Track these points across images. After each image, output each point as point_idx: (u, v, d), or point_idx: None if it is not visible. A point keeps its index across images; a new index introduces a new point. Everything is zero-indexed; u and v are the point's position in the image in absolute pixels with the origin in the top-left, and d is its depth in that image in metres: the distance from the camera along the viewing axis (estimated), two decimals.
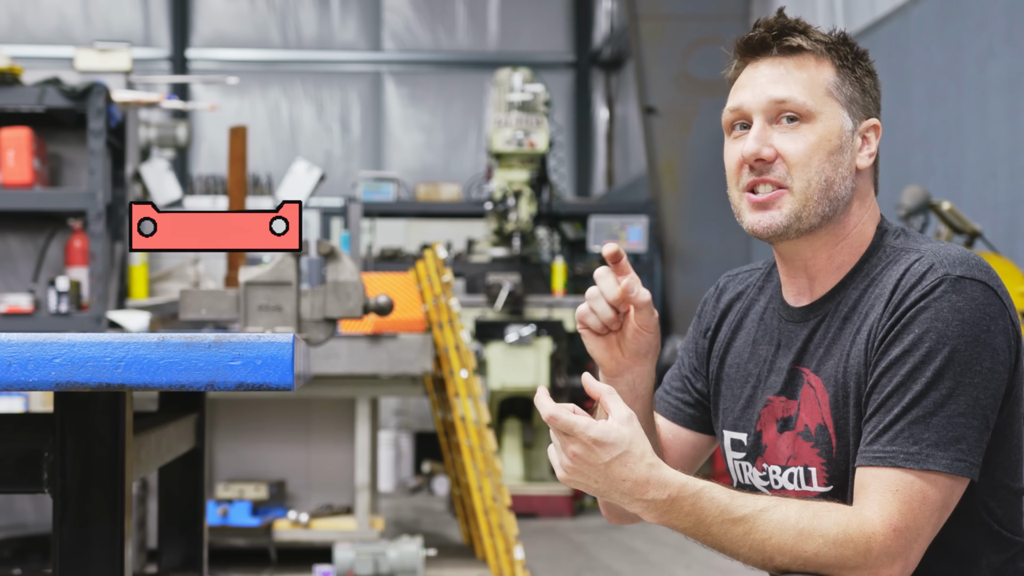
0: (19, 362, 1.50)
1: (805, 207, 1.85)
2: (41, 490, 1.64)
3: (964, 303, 1.74)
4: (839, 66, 1.88)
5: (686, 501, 1.72)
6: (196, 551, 2.44)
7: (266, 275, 3.66)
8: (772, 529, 1.72)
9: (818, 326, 1.90)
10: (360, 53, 14.36)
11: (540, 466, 8.35)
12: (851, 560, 1.71)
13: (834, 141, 1.86)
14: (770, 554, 1.72)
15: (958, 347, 1.73)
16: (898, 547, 1.72)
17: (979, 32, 6.69)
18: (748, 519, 1.72)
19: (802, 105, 1.85)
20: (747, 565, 1.77)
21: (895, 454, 1.73)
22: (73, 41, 12.84)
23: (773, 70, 1.88)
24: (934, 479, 1.72)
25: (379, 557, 5.03)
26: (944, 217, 5.90)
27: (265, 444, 5.72)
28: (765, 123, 1.87)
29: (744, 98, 1.88)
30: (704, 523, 1.73)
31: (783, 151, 1.85)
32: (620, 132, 13.87)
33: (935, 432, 1.72)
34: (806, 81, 1.86)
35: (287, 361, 1.51)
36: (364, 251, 9.01)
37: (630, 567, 6.31)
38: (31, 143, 5.52)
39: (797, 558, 1.71)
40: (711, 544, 1.75)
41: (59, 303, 5.52)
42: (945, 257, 1.79)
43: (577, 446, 1.70)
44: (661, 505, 1.72)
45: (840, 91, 1.87)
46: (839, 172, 1.86)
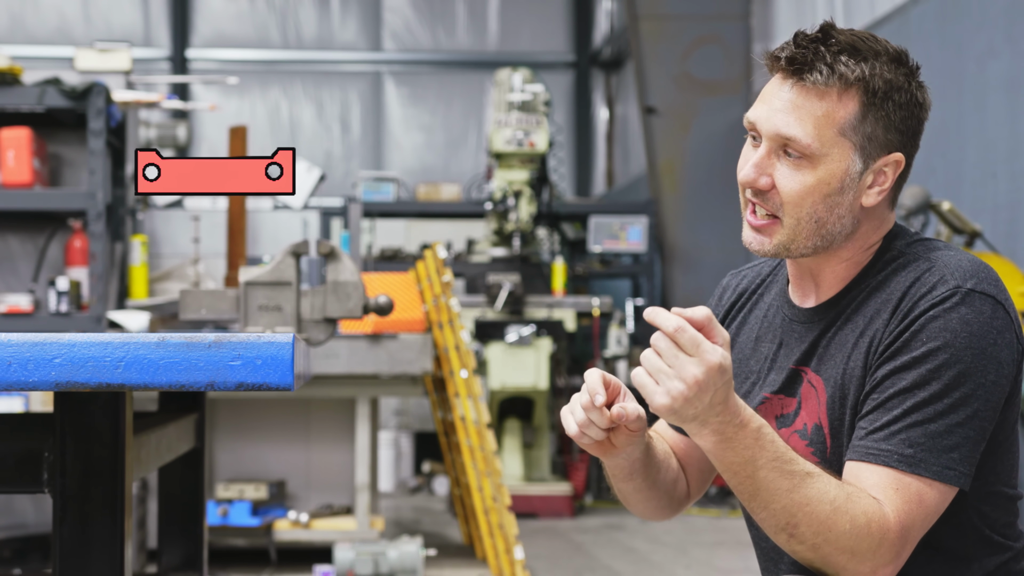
0: (19, 362, 1.50)
1: (794, 241, 1.86)
2: (41, 490, 1.64)
3: (973, 316, 1.75)
4: (867, 102, 1.81)
5: (749, 435, 1.70)
6: (196, 551, 2.44)
7: (266, 275, 3.66)
8: (812, 496, 1.71)
9: (825, 328, 1.90)
10: (360, 53, 14.36)
11: (540, 466, 8.35)
12: (864, 551, 1.71)
13: (834, 184, 1.82)
14: (798, 520, 1.71)
15: (965, 359, 1.74)
16: (899, 547, 1.73)
17: (979, 32, 6.69)
18: (796, 476, 1.71)
19: (807, 147, 1.81)
20: (761, 519, 1.74)
21: (889, 453, 1.74)
22: (73, 41, 12.83)
23: (793, 97, 1.82)
24: (928, 484, 1.73)
25: (379, 557, 5.03)
26: (944, 217, 5.90)
27: (265, 444, 5.72)
28: (770, 150, 1.84)
29: (760, 115, 1.85)
30: (756, 462, 1.71)
31: (779, 186, 1.84)
32: (620, 132, 13.87)
33: (931, 439, 1.73)
34: (820, 119, 1.81)
35: (287, 361, 1.51)
36: (364, 251, 9.01)
37: (630, 567, 6.31)
38: (31, 143, 5.52)
39: (820, 533, 1.71)
40: (749, 488, 1.72)
41: (59, 303, 5.52)
42: (957, 268, 1.79)
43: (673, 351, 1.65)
44: (728, 431, 1.70)
45: (857, 130, 1.81)
46: (834, 213, 1.84)
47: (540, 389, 8.06)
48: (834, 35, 1.82)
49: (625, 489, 2.00)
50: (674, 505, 2.10)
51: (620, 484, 1.99)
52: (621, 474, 1.96)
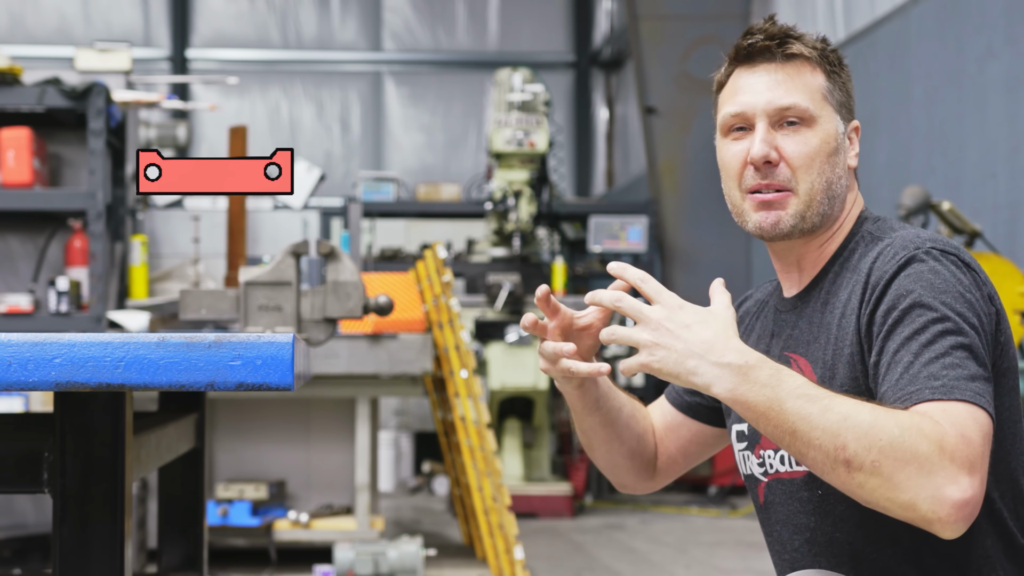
0: (19, 362, 1.50)
1: (809, 207, 1.92)
2: (41, 490, 1.64)
3: (940, 267, 1.79)
4: (829, 71, 1.96)
5: (764, 371, 1.68)
6: (196, 551, 2.44)
7: (266, 275, 3.66)
8: (848, 410, 1.64)
9: (803, 312, 1.96)
10: (360, 53, 14.36)
11: (540, 466, 8.35)
12: (926, 453, 1.61)
13: (832, 143, 1.93)
14: (844, 439, 1.62)
15: (946, 300, 1.75)
16: (969, 454, 1.63)
17: (979, 32, 6.69)
18: (824, 398, 1.66)
19: (805, 110, 1.92)
20: (812, 461, 1.67)
21: (919, 391, 1.69)
22: (73, 41, 12.84)
23: (773, 76, 1.94)
24: (968, 407, 1.67)
25: (379, 557, 5.03)
26: (944, 217, 5.90)
27: (265, 444, 5.72)
28: (768, 127, 1.93)
29: (747, 101, 1.94)
30: (779, 398, 1.67)
31: (787, 154, 1.92)
32: (620, 132, 13.87)
33: (952, 370, 1.69)
34: (805, 87, 1.94)
35: (287, 361, 1.51)
36: (364, 251, 9.01)
37: (630, 567, 6.31)
38: (31, 143, 5.52)
39: (872, 445, 1.61)
40: (782, 425, 1.67)
41: (59, 303, 5.53)
42: (916, 238, 1.85)
43: (661, 311, 1.73)
44: (738, 370, 1.69)
45: (832, 95, 1.95)
46: (836, 172, 1.94)
47: (540, 389, 8.06)
48: (779, 24, 1.98)
49: (587, 426, 2.05)
50: (640, 466, 2.13)
51: (582, 419, 2.05)
52: (581, 406, 2.02)
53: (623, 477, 2.15)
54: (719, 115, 2.00)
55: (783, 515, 1.96)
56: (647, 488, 2.18)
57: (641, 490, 2.18)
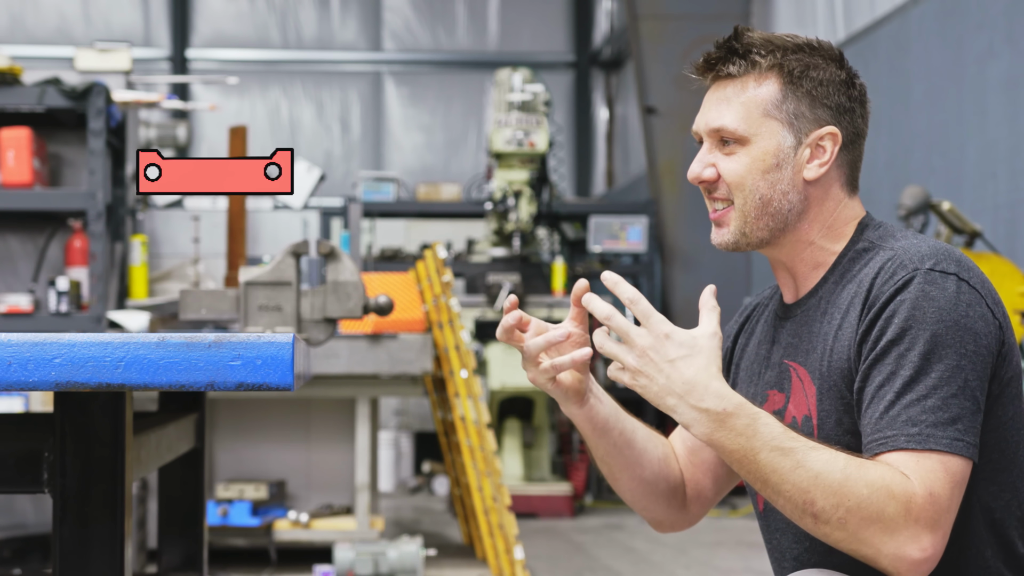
0: (19, 362, 1.50)
1: (746, 223, 1.96)
2: (41, 490, 1.64)
3: (937, 292, 1.78)
4: (785, 82, 1.93)
5: (740, 420, 1.72)
6: (196, 551, 2.44)
7: (266, 275, 3.66)
8: (820, 468, 1.69)
9: (807, 321, 1.95)
10: (360, 53, 14.36)
11: (540, 466, 8.35)
12: (892, 515, 1.68)
13: (768, 160, 1.93)
14: (813, 496, 1.69)
15: (938, 332, 1.76)
16: (934, 513, 1.69)
17: (979, 32, 6.69)
18: (798, 452, 1.71)
19: (734, 132, 1.93)
20: (782, 507, 1.73)
21: (895, 437, 1.73)
22: (73, 41, 12.83)
23: (717, 94, 1.97)
24: (940, 457, 1.71)
25: (379, 557, 5.03)
26: (944, 217, 5.90)
27: (265, 444, 5.72)
28: (711, 146, 1.97)
29: (697, 121, 1.99)
30: (754, 448, 1.71)
31: (722, 172, 1.96)
32: (620, 132, 13.87)
33: (931, 413, 1.73)
34: (744, 104, 1.93)
35: (287, 361, 1.51)
36: (364, 251, 9.01)
37: (630, 567, 6.31)
38: (31, 143, 5.52)
39: (840, 504, 1.68)
40: (755, 474, 1.73)
41: (59, 303, 5.52)
42: (916, 253, 1.83)
43: (647, 338, 1.75)
44: (715, 417, 1.72)
45: (781, 108, 1.93)
46: (777, 189, 1.93)
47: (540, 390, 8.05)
48: (746, 34, 1.97)
49: (603, 451, 2.03)
50: (669, 493, 2.08)
51: (596, 445, 2.02)
52: (590, 428, 2.00)
53: (655, 508, 2.09)
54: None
55: (783, 522, 1.96)
56: (683, 521, 2.13)
57: (679, 524, 2.13)
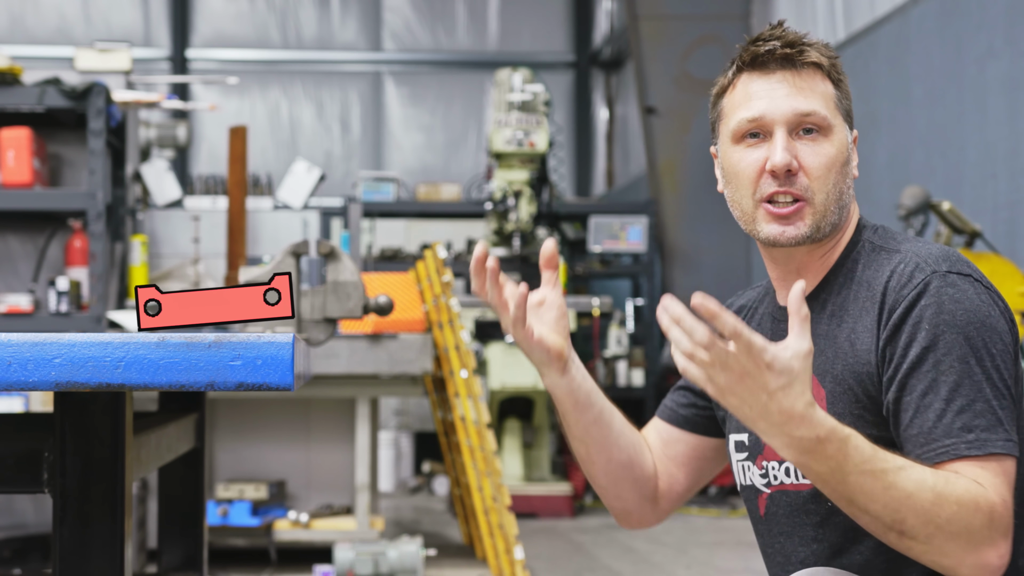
0: (19, 362, 1.50)
1: (824, 218, 1.90)
2: (41, 490, 1.64)
3: (960, 295, 1.79)
4: (836, 80, 1.94)
5: (832, 445, 1.67)
6: (196, 551, 2.44)
7: (266, 275, 3.66)
8: (912, 489, 1.67)
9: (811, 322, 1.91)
10: (360, 53, 14.36)
11: (540, 466, 8.34)
12: (979, 529, 1.68)
13: (843, 154, 1.92)
14: (903, 516, 1.67)
15: (970, 334, 1.76)
16: (1008, 519, 1.71)
17: (979, 32, 6.69)
18: (889, 473, 1.68)
19: (824, 119, 1.90)
20: (865, 523, 1.71)
21: (955, 446, 1.73)
22: (73, 41, 12.83)
23: (788, 84, 1.91)
24: (999, 460, 1.73)
25: (379, 557, 5.03)
26: (944, 217, 5.90)
27: (265, 444, 5.72)
28: (787, 134, 1.90)
29: (764, 108, 1.90)
30: (843, 470, 1.68)
31: (805, 164, 1.89)
32: (620, 132, 13.86)
33: (982, 418, 1.73)
34: (821, 95, 1.91)
35: (287, 361, 1.51)
36: (364, 251, 9.01)
37: (630, 567, 6.31)
38: (31, 143, 5.52)
39: (931, 522, 1.67)
40: (842, 494, 1.70)
41: (59, 303, 5.53)
42: (927, 256, 1.84)
43: (750, 364, 1.62)
44: (807, 444, 1.67)
45: (841, 104, 1.94)
46: (846, 182, 1.93)
47: (540, 389, 8.06)
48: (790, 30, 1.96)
49: (581, 429, 2.01)
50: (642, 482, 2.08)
51: (576, 421, 2.01)
52: (571, 402, 1.99)
53: (627, 496, 2.09)
54: (731, 120, 1.95)
55: (787, 527, 1.95)
56: (652, 515, 2.12)
57: (647, 519, 2.12)
